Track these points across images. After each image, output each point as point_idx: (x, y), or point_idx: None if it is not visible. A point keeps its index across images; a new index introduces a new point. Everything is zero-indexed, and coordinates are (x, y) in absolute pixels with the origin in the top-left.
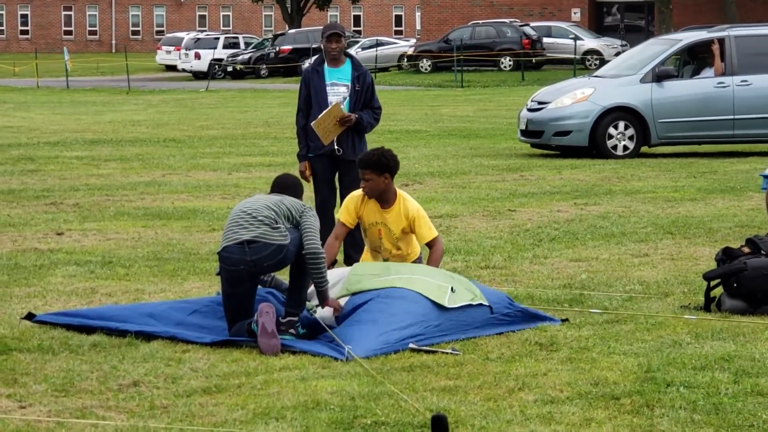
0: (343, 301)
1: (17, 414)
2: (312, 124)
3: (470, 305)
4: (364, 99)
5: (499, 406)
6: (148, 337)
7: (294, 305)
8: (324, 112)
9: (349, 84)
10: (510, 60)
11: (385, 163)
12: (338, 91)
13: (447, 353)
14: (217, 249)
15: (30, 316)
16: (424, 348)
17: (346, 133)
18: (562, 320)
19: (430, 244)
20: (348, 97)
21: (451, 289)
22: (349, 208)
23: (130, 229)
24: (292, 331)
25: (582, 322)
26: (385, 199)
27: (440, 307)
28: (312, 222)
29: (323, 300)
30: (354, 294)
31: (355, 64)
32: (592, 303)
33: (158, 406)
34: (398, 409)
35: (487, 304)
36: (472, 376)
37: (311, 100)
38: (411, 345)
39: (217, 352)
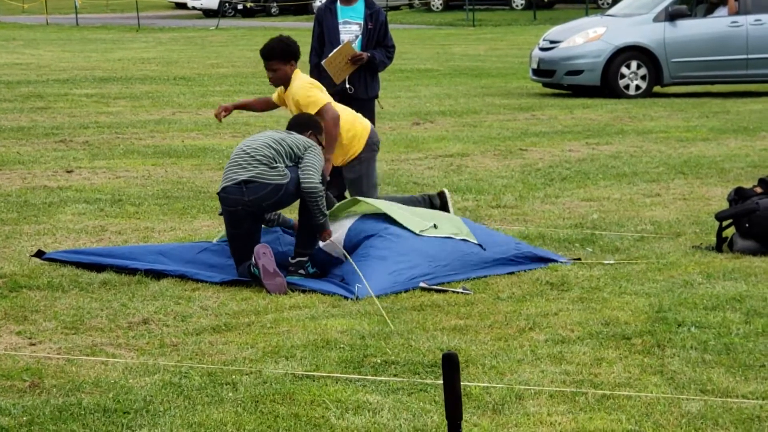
0: (349, 222)
1: (27, 351)
2: (323, 63)
3: (452, 238)
4: (377, 37)
5: (510, 345)
6: (157, 275)
7: (303, 245)
8: (334, 50)
9: (362, 22)
10: None
11: (288, 49)
12: (351, 29)
13: (458, 293)
14: (217, 190)
15: (40, 254)
16: (435, 287)
17: (359, 72)
18: (574, 260)
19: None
20: (360, 36)
21: (434, 225)
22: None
23: (139, 167)
24: (301, 271)
25: (593, 261)
26: (288, 83)
27: (423, 238)
28: (312, 159)
29: (321, 231)
30: (349, 215)
31: (368, 2)
32: (603, 243)
33: (168, 344)
34: (408, 348)
35: (476, 242)
36: (482, 316)
37: (324, 39)
38: (421, 284)
39: (227, 291)
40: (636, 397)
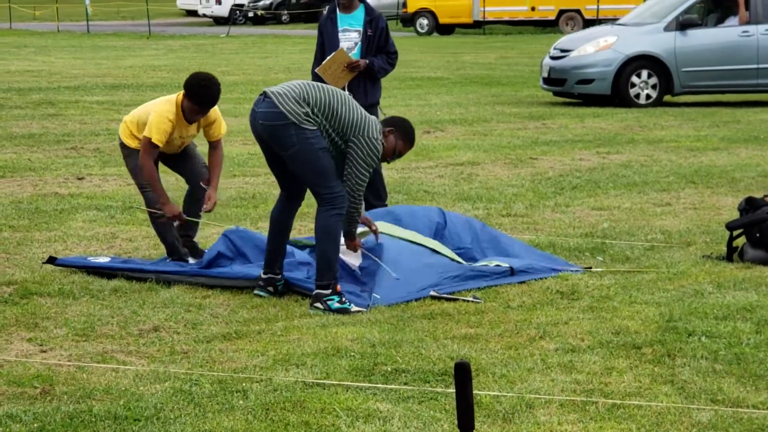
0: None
1: (38, 358)
2: (317, 70)
3: (486, 266)
4: (377, 44)
5: (520, 354)
6: (168, 282)
7: (321, 276)
8: (328, 57)
9: (361, 29)
10: None
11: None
12: (350, 36)
13: (468, 301)
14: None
15: (51, 260)
16: (445, 296)
17: (358, 79)
18: (585, 269)
19: None
20: (360, 42)
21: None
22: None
23: None
24: (318, 305)
25: (604, 270)
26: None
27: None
28: (360, 157)
29: (348, 239)
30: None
31: (368, 9)
32: (613, 252)
33: (178, 352)
34: (419, 356)
35: (508, 266)
36: (493, 324)
37: (325, 48)
38: (432, 293)
39: (238, 298)
40: (646, 407)
